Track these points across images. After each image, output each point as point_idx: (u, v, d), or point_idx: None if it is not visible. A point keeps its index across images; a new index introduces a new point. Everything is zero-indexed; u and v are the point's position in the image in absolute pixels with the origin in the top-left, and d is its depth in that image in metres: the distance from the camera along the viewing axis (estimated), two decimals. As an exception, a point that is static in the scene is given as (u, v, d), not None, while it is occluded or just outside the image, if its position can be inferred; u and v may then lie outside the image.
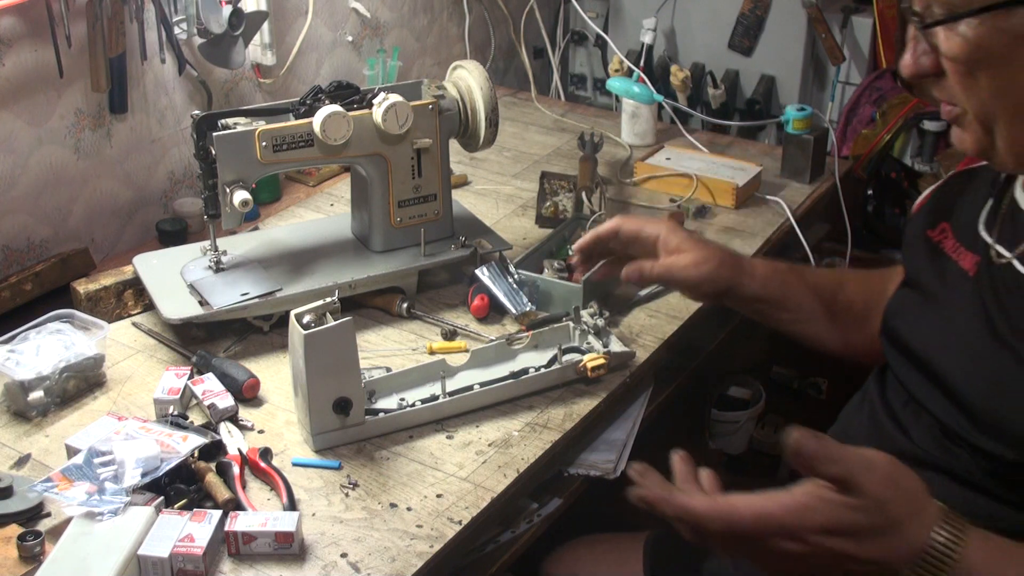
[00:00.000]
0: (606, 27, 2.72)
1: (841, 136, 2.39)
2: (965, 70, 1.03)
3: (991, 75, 1.02)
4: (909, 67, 1.08)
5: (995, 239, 1.13)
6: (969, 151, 1.10)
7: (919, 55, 1.06)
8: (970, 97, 1.04)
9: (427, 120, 1.63)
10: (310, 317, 1.29)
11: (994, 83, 1.02)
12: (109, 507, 1.19)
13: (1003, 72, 1.01)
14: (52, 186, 1.75)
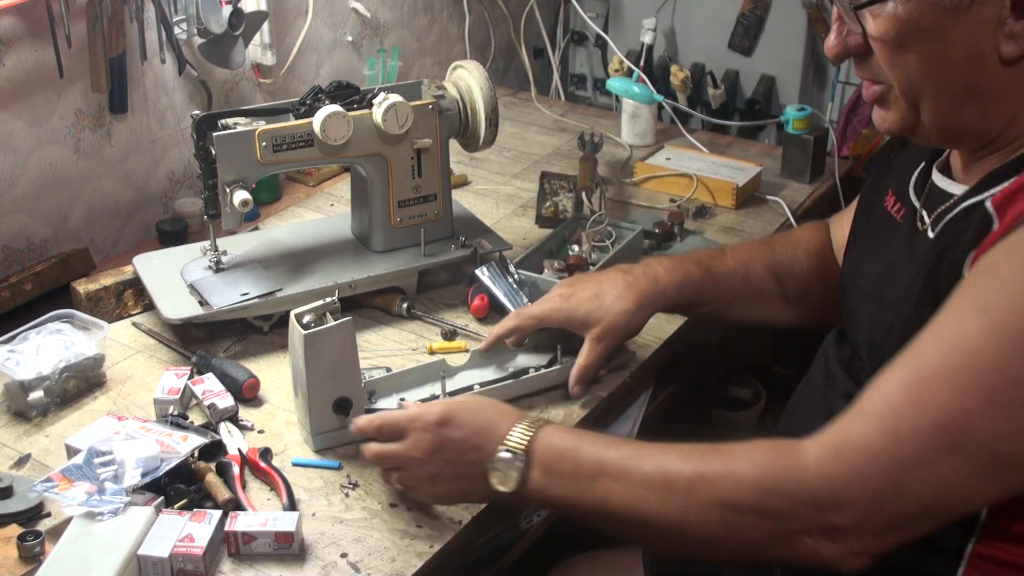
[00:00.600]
0: (606, 27, 2.72)
1: (841, 136, 2.39)
2: (893, 47, 1.04)
3: (919, 50, 1.03)
4: (835, 48, 1.09)
5: (921, 205, 1.16)
6: (892, 129, 1.11)
7: (844, 36, 1.08)
8: (897, 74, 1.05)
9: (427, 120, 1.63)
10: (310, 317, 1.29)
11: (922, 58, 1.03)
12: (109, 507, 1.19)
13: (931, 47, 1.02)
14: (52, 186, 1.75)
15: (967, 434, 0.95)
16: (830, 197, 2.08)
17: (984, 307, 0.96)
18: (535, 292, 1.62)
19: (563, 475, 1.12)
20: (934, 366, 0.97)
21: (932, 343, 0.99)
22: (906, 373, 0.99)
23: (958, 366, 0.95)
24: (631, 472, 1.09)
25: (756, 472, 1.03)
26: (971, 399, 0.94)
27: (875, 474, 0.98)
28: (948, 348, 0.97)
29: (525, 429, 1.15)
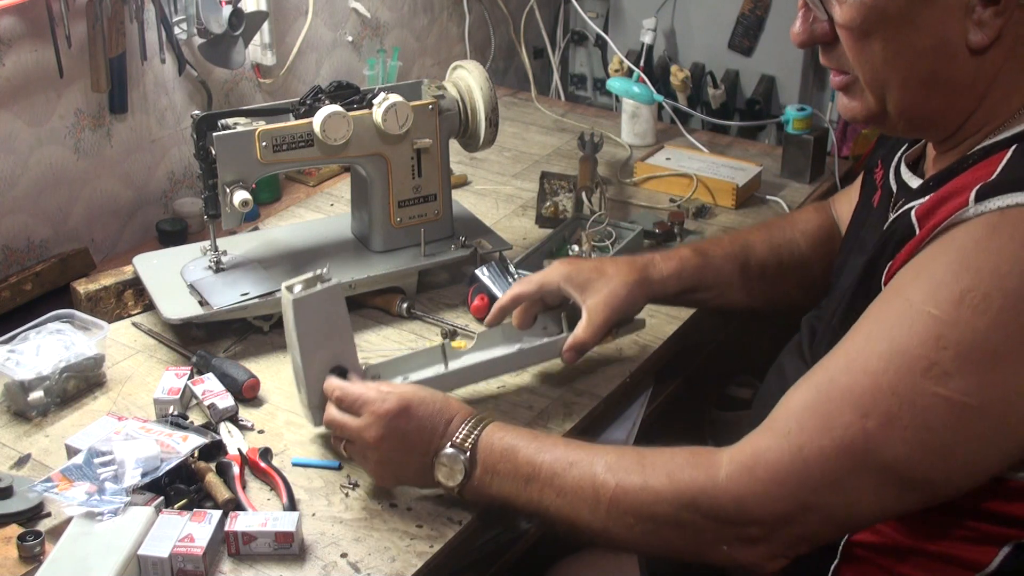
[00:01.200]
0: (606, 27, 2.72)
1: (841, 136, 2.39)
2: (859, 35, 1.03)
3: (885, 38, 1.02)
4: (800, 35, 1.09)
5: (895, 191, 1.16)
6: (858, 119, 1.10)
7: (811, 23, 1.07)
8: (863, 63, 1.05)
9: (427, 120, 1.63)
10: (300, 287, 1.27)
11: (888, 47, 1.03)
12: (109, 507, 1.19)
13: (897, 35, 1.02)
14: (52, 186, 1.75)
15: (869, 455, 0.98)
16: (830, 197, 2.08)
17: (888, 329, 0.99)
18: (535, 292, 1.62)
19: (501, 475, 1.17)
20: (841, 386, 1.00)
21: (842, 362, 1.02)
22: (815, 391, 1.03)
23: (861, 388, 0.99)
24: (562, 480, 1.13)
25: (672, 488, 1.07)
26: (872, 421, 0.98)
27: (783, 493, 1.02)
28: (854, 368, 1.00)
29: (471, 427, 1.20)
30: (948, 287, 0.95)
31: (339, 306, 1.30)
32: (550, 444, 1.17)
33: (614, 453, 1.14)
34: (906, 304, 0.98)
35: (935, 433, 0.96)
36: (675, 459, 1.09)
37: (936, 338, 0.95)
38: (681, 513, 1.06)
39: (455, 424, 1.21)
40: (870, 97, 1.07)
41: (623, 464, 1.11)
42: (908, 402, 0.96)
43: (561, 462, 1.14)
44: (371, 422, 1.21)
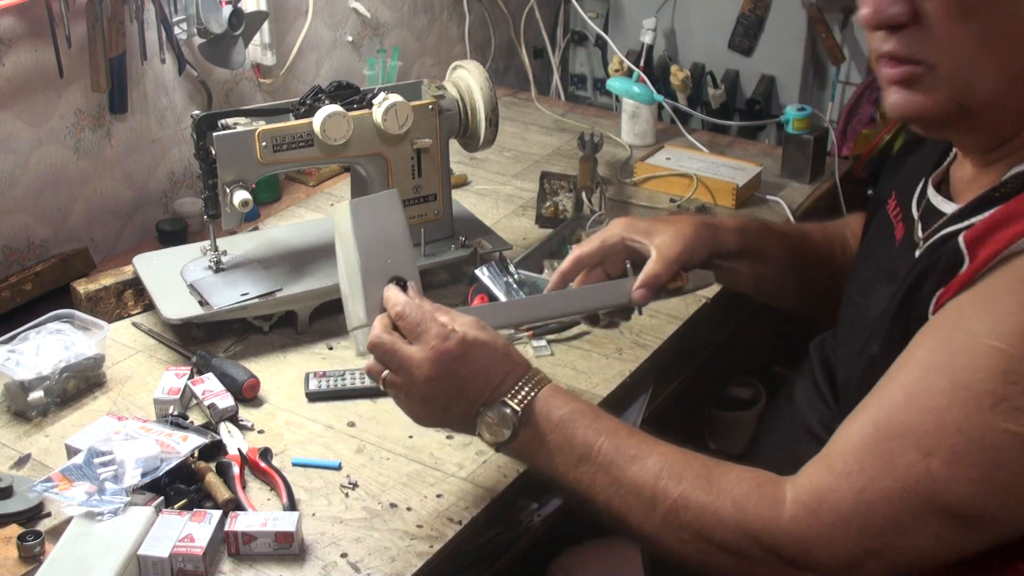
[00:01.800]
0: (606, 27, 2.72)
1: (841, 136, 2.39)
2: (958, 15, 0.95)
3: (986, 20, 0.94)
4: (871, 16, 1.00)
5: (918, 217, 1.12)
6: (921, 116, 1.03)
7: (887, 3, 0.98)
8: (953, 48, 0.96)
9: (427, 120, 1.63)
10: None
11: (988, 30, 0.95)
12: (109, 507, 1.19)
13: (1001, 16, 0.94)
14: (52, 186, 1.75)
15: (935, 495, 0.95)
16: (830, 197, 2.08)
17: (949, 363, 0.95)
18: (535, 292, 1.62)
19: (551, 446, 1.10)
20: (901, 423, 0.97)
21: (900, 397, 0.98)
22: (873, 427, 0.99)
23: (924, 426, 0.95)
24: (620, 471, 1.07)
25: (737, 516, 1.02)
26: (937, 460, 0.94)
27: (847, 537, 0.98)
28: (914, 405, 0.96)
29: (528, 387, 1.11)
30: (1014, 319, 0.91)
31: (397, 214, 1.21)
32: (612, 428, 1.10)
33: (680, 457, 1.07)
34: (968, 337, 0.94)
35: (1004, 471, 0.92)
36: (742, 485, 1.04)
37: (1004, 373, 0.91)
38: (743, 543, 1.02)
39: (511, 379, 1.11)
40: (946, 90, 0.99)
41: (689, 473, 1.05)
42: (975, 440, 0.92)
43: (622, 452, 1.07)
44: (428, 357, 1.10)
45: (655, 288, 1.28)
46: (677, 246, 1.28)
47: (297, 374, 1.50)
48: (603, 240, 1.32)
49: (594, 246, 1.32)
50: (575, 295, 1.31)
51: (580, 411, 1.11)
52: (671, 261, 1.27)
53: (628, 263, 1.31)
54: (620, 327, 1.60)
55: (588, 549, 1.58)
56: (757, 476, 1.05)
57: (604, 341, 1.58)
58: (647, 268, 1.27)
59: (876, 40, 1.03)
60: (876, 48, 1.03)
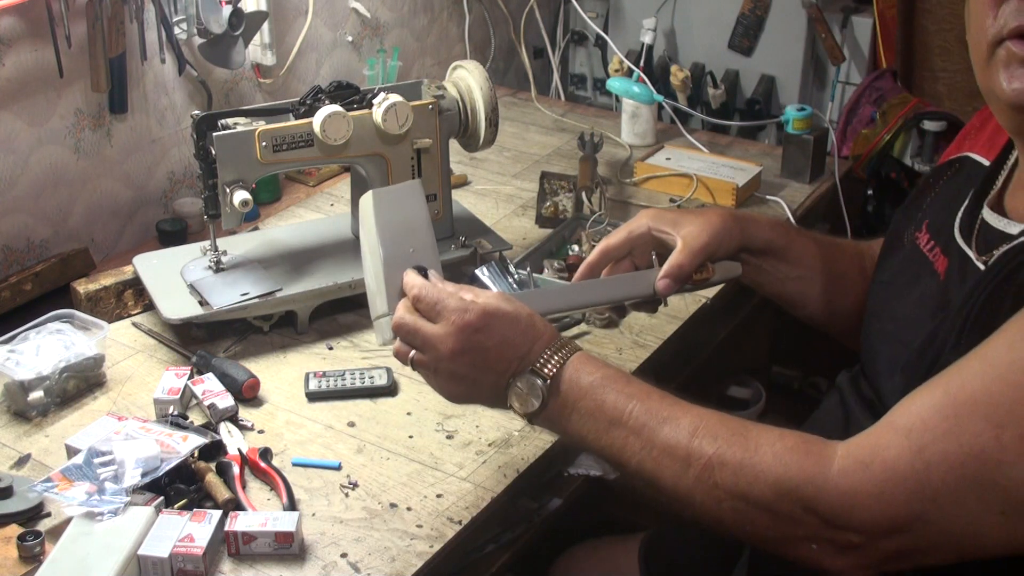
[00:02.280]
0: (606, 27, 2.72)
1: (841, 136, 2.39)
2: None
3: None
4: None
5: (972, 248, 1.08)
6: None
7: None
8: None
9: (427, 120, 1.63)
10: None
11: None
12: (109, 507, 1.19)
13: None
14: (52, 186, 1.75)
15: (1000, 469, 0.89)
16: (830, 197, 2.08)
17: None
18: (535, 292, 1.62)
19: (582, 412, 1.08)
20: (974, 391, 0.92)
21: (977, 366, 0.93)
22: (944, 393, 0.94)
23: (999, 398, 0.90)
24: (652, 433, 1.04)
25: (777, 471, 0.98)
26: (1008, 433, 0.89)
27: (898, 495, 0.93)
28: (992, 376, 0.91)
29: (556, 355, 1.09)
30: None
31: (419, 205, 1.21)
32: (644, 392, 1.07)
33: (715, 417, 1.03)
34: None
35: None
36: (784, 440, 0.99)
37: None
38: (780, 500, 0.97)
39: (539, 347, 1.09)
40: None
41: (724, 432, 1.01)
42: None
43: (654, 414, 1.04)
44: (449, 332, 1.08)
45: (679, 278, 1.25)
46: (704, 237, 1.25)
47: (297, 374, 1.50)
48: (630, 231, 1.29)
49: (621, 237, 1.29)
50: (599, 285, 1.30)
51: (611, 376, 1.09)
52: (696, 252, 1.25)
53: (655, 254, 1.29)
54: (620, 326, 1.61)
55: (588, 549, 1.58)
56: (804, 435, 1.00)
57: (604, 341, 1.58)
58: (671, 258, 1.25)
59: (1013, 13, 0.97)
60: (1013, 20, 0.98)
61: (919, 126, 2.37)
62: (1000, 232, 1.05)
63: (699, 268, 1.27)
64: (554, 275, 1.66)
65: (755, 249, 1.32)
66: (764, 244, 1.31)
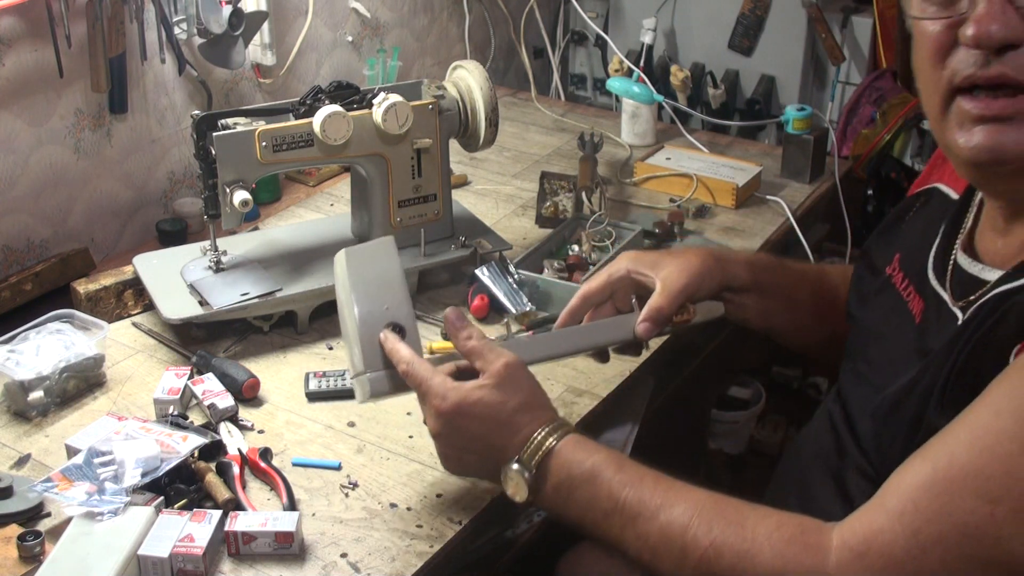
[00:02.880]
0: (606, 27, 2.72)
1: (841, 136, 2.39)
2: None
3: None
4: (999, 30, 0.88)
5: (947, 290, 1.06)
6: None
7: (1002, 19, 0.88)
8: None
9: (427, 120, 1.63)
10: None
11: None
12: (109, 507, 1.19)
13: None
14: (52, 186, 1.75)
15: (995, 545, 0.87)
16: (830, 197, 2.08)
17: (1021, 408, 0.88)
18: (535, 292, 1.63)
19: (577, 502, 1.09)
20: (964, 466, 0.89)
21: (964, 437, 0.90)
22: (933, 469, 0.91)
23: (990, 472, 0.88)
24: (647, 523, 1.04)
25: (774, 562, 0.97)
26: (1002, 508, 0.87)
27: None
28: (980, 448, 0.89)
29: (544, 441, 1.10)
30: None
31: (392, 260, 1.22)
32: (637, 477, 1.07)
33: (710, 503, 1.02)
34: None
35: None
36: (781, 531, 0.98)
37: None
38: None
39: (523, 436, 1.10)
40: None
41: (720, 520, 1.00)
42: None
43: (648, 503, 1.04)
44: (431, 414, 1.13)
45: (658, 322, 1.25)
46: (683, 278, 1.26)
47: (297, 374, 1.50)
48: (609, 275, 1.30)
49: (600, 281, 1.30)
50: (580, 332, 1.30)
51: (602, 463, 1.08)
52: (675, 294, 1.25)
53: (635, 298, 1.29)
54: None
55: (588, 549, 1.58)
56: (800, 521, 0.99)
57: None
58: (651, 302, 1.25)
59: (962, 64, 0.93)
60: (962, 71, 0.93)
61: (919, 126, 2.37)
62: (974, 277, 1.03)
63: (679, 310, 1.27)
64: (554, 275, 1.66)
65: (736, 287, 1.31)
66: (745, 282, 1.31)
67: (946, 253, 1.09)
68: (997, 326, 0.94)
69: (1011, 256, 1.00)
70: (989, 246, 1.05)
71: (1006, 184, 1.00)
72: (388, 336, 1.16)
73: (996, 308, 0.95)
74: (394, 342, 1.16)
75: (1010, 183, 0.99)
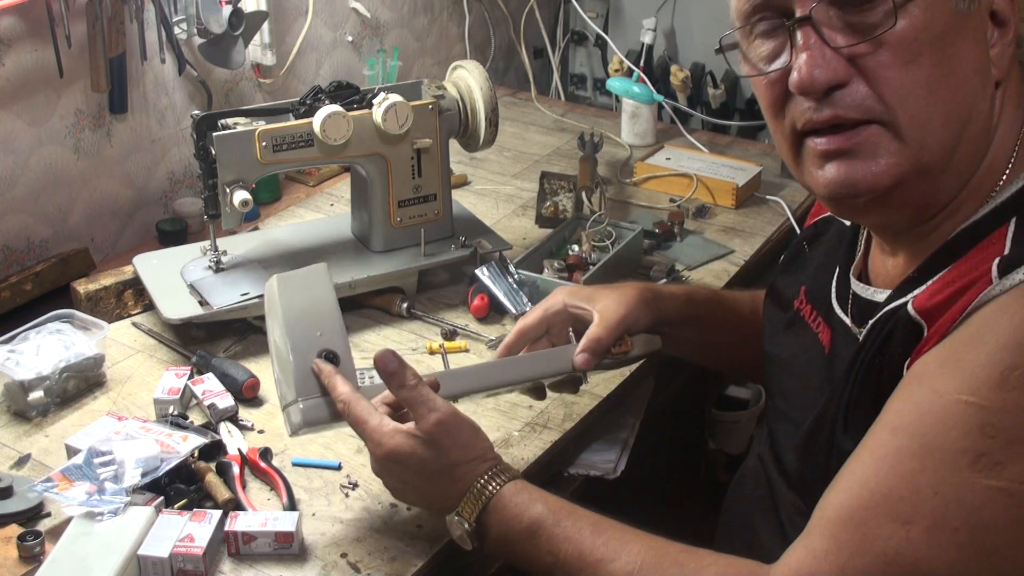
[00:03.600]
0: (606, 27, 2.72)
1: (841, 136, 2.39)
2: (908, 57, 0.89)
3: (934, 61, 0.89)
4: (809, 80, 0.91)
5: (848, 317, 1.07)
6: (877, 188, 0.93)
7: (822, 63, 0.90)
8: (907, 96, 0.90)
9: (427, 120, 1.63)
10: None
11: (936, 71, 0.90)
12: (109, 507, 1.19)
13: (945, 54, 0.89)
14: (52, 186, 1.75)
15: (918, 566, 0.87)
16: (830, 197, 2.07)
17: (917, 423, 0.88)
18: (535, 292, 1.62)
19: (521, 556, 1.09)
20: (873, 492, 0.90)
21: (868, 460, 0.91)
22: (848, 499, 0.92)
23: (898, 493, 0.88)
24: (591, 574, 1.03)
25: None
26: (916, 529, 0.87)
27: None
28: (886, 472, 0.89)
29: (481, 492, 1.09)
30: (985, 370, 0.85)
31: (325, 288, 1.21)
32: (575, 531, 1.05)
33: (652, 552, 1.02)
34: (935, 395, 0.88)
35: (993, 531, 0.85)
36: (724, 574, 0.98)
37: (980, 427, 0.85)
38: None
39: (459, 488, 1.10)
40: (906, 150, 0.91)
41: (660, 570, 1.00)
42: (955, 501, 0.86)
43: (588, 559, 1.03)
44: (371, 453, 1.14)
45: (597, 352, 1.25)
46: (621, 310, 1.26)
47: (297, 374, 1.50)
48: (545, 309, 1.30)
49: (536, 316, 1.30)
50: (515, 363, 1.28)
51: (540, 517, 1.07)
52: (614, 325, 1.25)
53: (571, 331, 1.29)
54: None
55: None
56: (740, 567, 0.99)
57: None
58: (589, 332, 1.25)
59: (799, 111, 0.94)
60: (800, 118, 0.95)
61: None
62: (869, 300, 1.04)
63: (617, 342, 1.27)
64: (554, 275, 1.66)
65: (672, 320, 1.32)
66: (681, 315, 1.32)
67: (845, 281, 1.10)
68: (887, 343, 0.95)
69: (898, 276, 1.02)
70: (880, 269, 1.07)
71: (871, 216, 1.02)
72: (323, 366, 1.14)
73: (885, 325, 0.97)
74: (330, 375, 1.14)
75: (875, 214, 1.00)
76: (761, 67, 0.97)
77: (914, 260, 1.00)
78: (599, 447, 1.47)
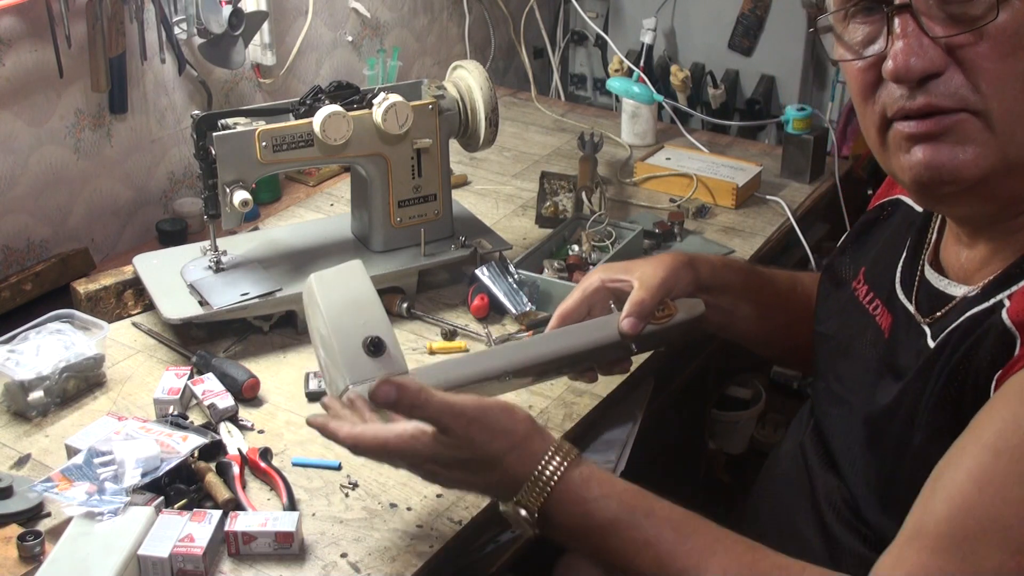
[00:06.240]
0: (606, 27, 2.72)
1: (841, 136, 2.39)
2: (1009, 49, 0.88)
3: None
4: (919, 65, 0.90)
5: (913, 305, 1.05)
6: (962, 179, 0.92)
7: (918, 52, 0.90)
8: (1004, 89, 0.89)
9: (427, 120, 1.63)
10: None
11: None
12: (109, 507, 1.19)
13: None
14: (52, 186, 1.75)
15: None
16: (830, 197, 2.08)
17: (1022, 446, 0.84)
18: (535, 292, 1.62)
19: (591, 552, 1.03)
20: (980, 520, 0.85)
21: (973, 488, 0.86)
22: (949, 527, 0.87)
23: (1007, 521, 0.84)
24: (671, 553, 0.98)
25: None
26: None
27: None
28: (992, 496, 0.85)
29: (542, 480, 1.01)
30: None
31: (363, 281, 1.21)
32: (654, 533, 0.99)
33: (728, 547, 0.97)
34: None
35: None
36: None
37: None
38: None
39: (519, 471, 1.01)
40: (996, 141, 0.90)
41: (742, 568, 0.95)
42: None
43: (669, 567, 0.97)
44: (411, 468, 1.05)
45: (642, 315, 1.21)
46: (660, 273, 1.23)
47: (297, 374, 1.50)
48: (583, 289, 1.27)
49: (575, 298, 1.26)
50: (559, 336, 1.23)
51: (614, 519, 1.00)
52: (655, 288, 1.22)
53: (613, 304, 1.26)
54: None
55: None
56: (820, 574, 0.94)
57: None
58: (631, 297, 1.22)
59: (890, 98, 0.94)
60: (891, 104, 0.94)
61: (919, 126, 2.37)
62: (941, 292, 1.02)
63: (660, 307, 1.24)
64: (554, 275, 1.67)
65: (711, 287, 1.29)
66: (719, 281, 1.29)
67: (913, 267, 1.08)
68: (972, 352, 0.93)
69: (974, 270, 1.00)
70: (953, 260, 1.05)
71: (956, 207, 1.00)
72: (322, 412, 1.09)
73: (969, 333, 0.94)
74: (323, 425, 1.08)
75: (960, 206, 0.99)
76: (856, 51, 0.96)
77: (996, 255, 0.98)
78: (599, 447, 1.48)
